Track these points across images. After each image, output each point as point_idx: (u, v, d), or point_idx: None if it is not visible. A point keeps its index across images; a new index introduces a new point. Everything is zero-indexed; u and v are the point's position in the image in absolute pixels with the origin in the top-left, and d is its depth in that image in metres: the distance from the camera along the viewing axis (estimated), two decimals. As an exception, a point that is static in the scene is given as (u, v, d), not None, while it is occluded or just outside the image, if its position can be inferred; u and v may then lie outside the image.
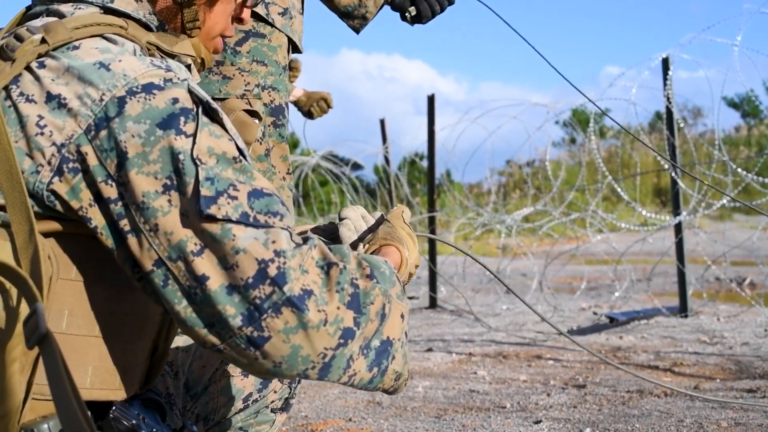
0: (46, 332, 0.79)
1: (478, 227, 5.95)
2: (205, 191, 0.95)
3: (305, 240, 1.00)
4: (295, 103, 3.80)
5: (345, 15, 2.14)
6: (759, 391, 2.80)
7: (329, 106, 3.81)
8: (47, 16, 1.09)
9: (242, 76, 1.74)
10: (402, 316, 1.06)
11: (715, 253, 5.56)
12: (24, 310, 0.91)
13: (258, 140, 1.71)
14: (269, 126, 1.78)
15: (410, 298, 6.62)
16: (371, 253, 1.22)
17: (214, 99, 1.67)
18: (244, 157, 1.01)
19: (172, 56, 1.12)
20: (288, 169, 1.87)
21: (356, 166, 9.68)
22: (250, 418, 1.43)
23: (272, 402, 1.45)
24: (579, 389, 2.96)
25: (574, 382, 3.10)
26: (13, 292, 0.91)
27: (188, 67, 1.15)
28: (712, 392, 2.83)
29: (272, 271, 0.94)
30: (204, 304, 0.94)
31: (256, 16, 1.77)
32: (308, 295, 0.95)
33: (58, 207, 0.97)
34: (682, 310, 4.78)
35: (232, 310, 0.94)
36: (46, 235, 0.97)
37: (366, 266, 1.03)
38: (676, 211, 4.76)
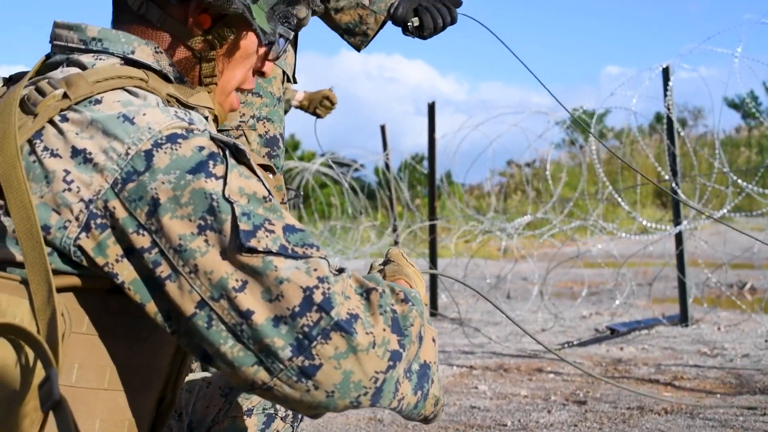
0: (60, 399, 0.81)
1: (479, 234, 5.96)
2: (244, 225, 0.95)
3: (340, 270, 1.01)
4: (300, 107, 3.83)
5: (346, 32, 2.13)
6: (759, 408, 2.81)
7: (333, 102, 3.84)
8: (68, 65, 1.09)
9: None
10: (433, 340, 1.07)
11: (716, 254, 5.56)
12: (39, 368, 0.92)
13: None
14: (264, 156, 1.79)
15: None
16: None
17: None
18: (272, 196, 1.02)
19: (191, 108, 1.12)
20: (282, 199, 1.88)
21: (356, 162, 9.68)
22: (253, 457, 1.44)
23: (275, 441, 1.46)
24: (580, 406, 2.97)
25: (575, 398, 3.11)
26: (29, 351, 0.92)
27: (206, 119, 1.16)
28: (713, 409, 2.84)
29: (318, 297, 0.94)
30: (251, 339, 0.94)
31: None
32: (355, 319, 0.95)
33: (84, 262, 0.97)
34: (683, 319, 4.79)
35: (280, 341, 0.93)
36: (63, 289, 0.98)
37: (399, 291, 1.03)
38: (676, 220, 4.77)
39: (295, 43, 2.09)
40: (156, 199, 0.95)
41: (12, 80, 1.15)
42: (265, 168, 1.16)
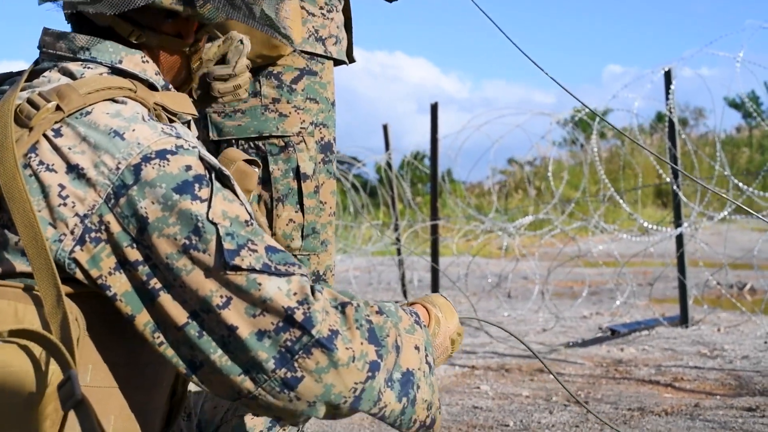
0: (82, 398, 0.84)
1: (480, 234, 5.99)
2: (228, 245, 0.99)
3: (314, 279, 1.04)
4: None
5: None
6: (758, 410, 2.83)
7: None
8: (56, 72, 1.11)
9: (297, 113, 1.75)
10: (416, 348, 1.11)
11: (716, 254, 5.59)
12: (53, 370, 0.94)
13: (309, 177, 1.73)
14: (319, 163, 1.79)
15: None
16: None
17: (272, 136, 1.70)
18: (254, 221, 1.05)
19: (174, 114, 1.15)
20: (332, 210, 1.87)
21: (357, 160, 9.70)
22: (260, 456, 1.47)
23: (282, 440, 1.48)
24: (581, 406, 2.99)
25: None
26: (43, 355, 0.94)
27: (188, 123, 1.19)
28: (713, 410, 2.86)
29: (299, 316, 0.99)
30: (237, 351, 0.99)
31: (310, 54, 1.76)
32: (335, 335, 1.00)
33: (78, 275, 1.00)
34: (683, 321, 4.82)
35: (264, 354, 0.98)
36: (70, 295, 1.00)
37: (374, 305, 1.09)
38: (677, 222, 4.80)
39: (348, 25, 2.00)
40: (145, 218, 0.99)
41: None
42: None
